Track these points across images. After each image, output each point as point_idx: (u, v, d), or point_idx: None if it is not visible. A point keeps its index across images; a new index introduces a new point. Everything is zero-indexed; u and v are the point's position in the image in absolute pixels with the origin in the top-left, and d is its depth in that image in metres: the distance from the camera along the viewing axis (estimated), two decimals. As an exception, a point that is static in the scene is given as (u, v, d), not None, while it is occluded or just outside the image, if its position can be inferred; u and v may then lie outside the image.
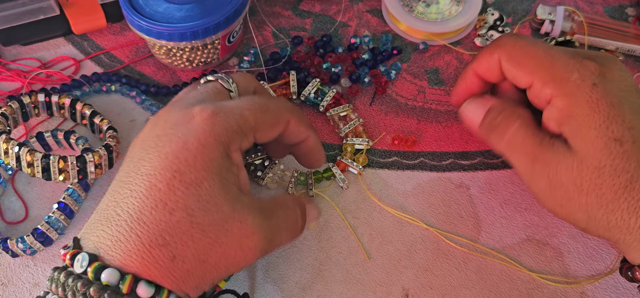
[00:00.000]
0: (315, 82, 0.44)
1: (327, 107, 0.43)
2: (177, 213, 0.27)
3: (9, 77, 0.45)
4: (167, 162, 0.27)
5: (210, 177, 0.28)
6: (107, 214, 0.28)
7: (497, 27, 0.50)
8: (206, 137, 0.28)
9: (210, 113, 0.29)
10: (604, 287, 0.37)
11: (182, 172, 0.27)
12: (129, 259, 0.26)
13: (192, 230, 0.27)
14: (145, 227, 0.26)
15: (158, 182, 0.27)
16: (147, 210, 0.27)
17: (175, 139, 0.28)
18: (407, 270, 0.37)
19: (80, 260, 0.26)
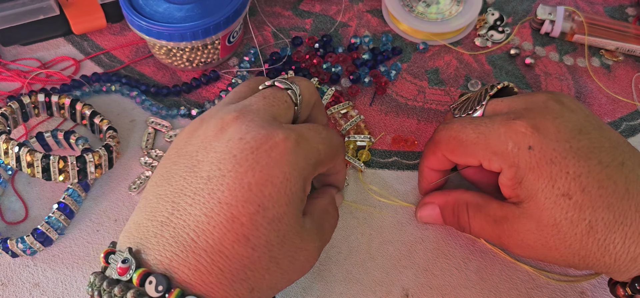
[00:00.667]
0: (314, 81, 0.44)
1: (327, 105, 0.43)
2: (258, 250, 0.27)
3: (8, 77, 0.45)
4: (251, 194, 0.26)
5: (290, 211, 0.28)
6: (177, 234, 0.26)
7: (497, 27, 0.50)
8: (291, 170, 0.28)
9: (294, 143, 0.28)
10: (603, 286, 0.37)
11: (265, 208, 0.27)
12: (211, 290, 0.26)
13: (270, 265, 0.27)
14: (227, 261, 0.26)
15: (241, 215, 0.26)
16: (228, 243, 0.26)
17: (258, 168, 0.27)
18: (407, 270, 0.37)
19: (154, 283, 0.25)
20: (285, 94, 0.32)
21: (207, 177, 0.27)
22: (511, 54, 0.49)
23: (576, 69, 0.48)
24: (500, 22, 0.51)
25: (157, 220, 0.27)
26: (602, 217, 0.30)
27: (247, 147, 0.27)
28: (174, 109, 0.44)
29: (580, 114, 0.32)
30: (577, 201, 0.30)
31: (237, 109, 0.29)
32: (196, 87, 0.45)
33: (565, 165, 0.30)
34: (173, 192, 0.27)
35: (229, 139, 0.28)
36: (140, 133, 0.43)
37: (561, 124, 0.31)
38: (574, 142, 0.31)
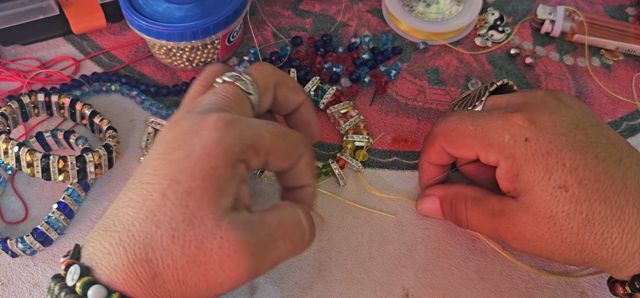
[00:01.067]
0: (315, 80, 0.44)
1: (327, 104, 0.43)
2: (162, 226, 0.25)
3: (8, 77, 0.45)
4: (168, 170, 0.26)
5: (205, 186, 0.26)
6: (106, 222, 0.27)
7: (497, 26, 0.50)
8: (214, 145, 0.26)
9: (225, 122, 0.27)
10: (604, 286, 0.37)
11: (178, 181, 0.26)
12: (115, 275, 0.25)
13: (173, 246, 0.25)
14: (132, 239, 0.25)
15: (154, 191, 0.26)
16: (138, 221, 0.25)
17: (183, 146, 0.27)
18: (407, 270, 0.37)
19: (72, 273, 0.25)
20: (235, 86, 0.31)
21: (142, 167, 0.27)
22: (511, 53, 0.49)
23: (576, 69, 0.48)
24: (501, 21, 0.51)
25: (108, 216, 0.27)
26: (599, 210, 0.30)
27: (179, 130, 0.28)
28: (174, 109, 0.44)
29: (578, 110, 0.32)
30: (574, 193, 0.30)
31: (186, 107, 0.30)
32: (196, 87, 0.45)
33: (562, 157, 0.30)
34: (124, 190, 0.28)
35: (169, 130, 0.28)
36: (140, 133, 0.43)
37: (558, 119, 0.31)
38: (570, 135, 0.31)
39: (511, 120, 0.32)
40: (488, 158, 0.33)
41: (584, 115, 0.32)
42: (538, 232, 0.31)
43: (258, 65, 0.33)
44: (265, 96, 0.32)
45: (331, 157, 0.42)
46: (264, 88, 0.32)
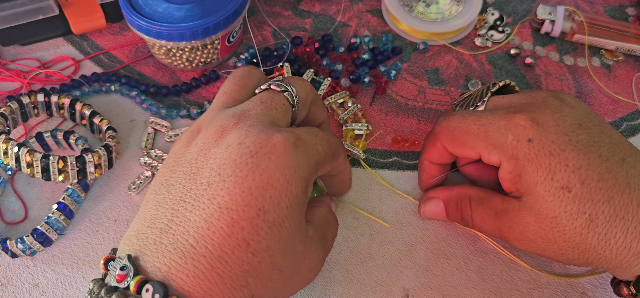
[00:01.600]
0: (309, 73, 0.44)
1: (324, 95, 0.44)
2: (259, 255, 0.26)
3: (8, 77, 0.45)
4: (251, 198, 0.26)
5: (291, 215, 0.27)
6: (176, 240, 0.25)
7: (497, 27, 0.50)
8: (291, 173, 0.27)
9: (293, 146, 0.28)
10: (604, 286, 0.37)
11: (266, 211, 0.26)
12: (210, 297, 0.25)
13: (272, 272, 0.27)
14: (227, 267, 0.25)
15: (241, 220, 0.26)
16: (228, 248, 0.25)
17: (258, 171, 0.26)
18: (407, 270, 0.37)
19: (151, 291, 0.24)
20: (282, 96, 0.31)
21: (207, 183, 0.26)
22: (511, 53, 0.49)
23: (576, 69, 0.48)
24: (500, 21, 0.51)
25: (156, 228, 0.26)
26: (602, 210, 0.30)
27: (246, 151, 0.27)
28: (174, 109, 0.44)
29: (580, 110, 0.32)
30: (577, 194, 0.30)
31: (236, 115, 0.29)
32: (196, 87, 0.45)
33: (565, 157, 0.30)
34: (172, 200, 0.27)
35: (229, 144, 0.27)
36: (139, 133, 0.43)
37: (560, 119, 0.31)
38: (573, 135, 0.31)
39: (514, 120, 0.32)
40: (490, 159, 0.33)
41: (586, 115, 0.32)
42: (541, 233, 0.31)
43: (300, 80, 0.33)
44: (302, 112, 0.33)
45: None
46: (303, 103, 0.33)
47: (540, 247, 0.32)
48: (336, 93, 0.44)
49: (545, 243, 0.32)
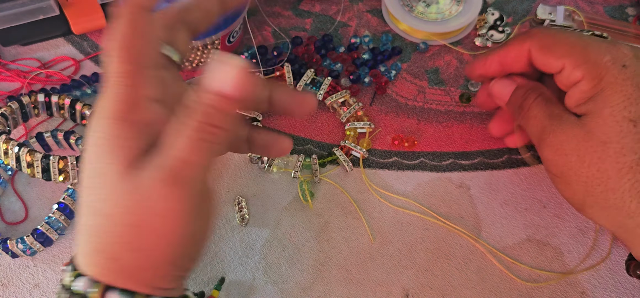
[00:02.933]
0: (310, 73, 0.44)
1: (325, 95, 0.44)
2: (82, 209, 0.25)
3: (8, 77, 0.45)
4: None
5: (97, 142, 0.24)
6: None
7: (497, 27, 0.50)
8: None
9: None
10: (603, 286, 0.37)
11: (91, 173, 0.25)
12: (90, 269, 0.25)
13: (107, 224, 0.24)
14: (83, 237, 0.25)
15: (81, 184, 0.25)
16: (83, 217, 0.25)
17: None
18: (407, 270, 0.37)
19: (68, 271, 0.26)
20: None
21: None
22: (511, 53, 0.49)
23: (576, 69, 0.48)
24: (500, 21, 0.51)
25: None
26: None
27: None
28: (174, 109, 0.44)
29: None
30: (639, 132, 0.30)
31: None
32: (196, 87, 0.45)
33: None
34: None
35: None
36: (140, 133, 0.43)
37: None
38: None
39: (617, 46, 0.32)
40: (573, 73, 0.32)
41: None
42: (581, 150, 0.31)
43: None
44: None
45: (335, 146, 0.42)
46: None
47: (569, 164, 0.32)
48: (337, 92, 0.44)
49: (577, 162, 0.31)
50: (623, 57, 0.31)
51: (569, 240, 0.39)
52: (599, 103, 0.31)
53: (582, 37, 0.33)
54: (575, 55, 0.32)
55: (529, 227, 0.39)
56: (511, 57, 0.36)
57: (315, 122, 0.44)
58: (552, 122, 0.33)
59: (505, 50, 0.36)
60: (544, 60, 0.34)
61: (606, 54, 0.32)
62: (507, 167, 0.42)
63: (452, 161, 0.42)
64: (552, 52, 0.33)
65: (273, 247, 0.38)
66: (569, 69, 0.32)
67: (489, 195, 0.40)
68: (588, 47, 0.32)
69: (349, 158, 0.41)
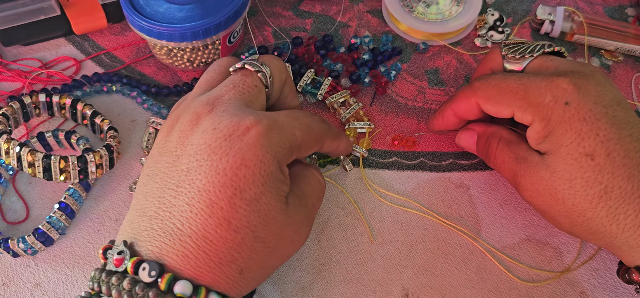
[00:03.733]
0: (310, 73, 0.44)
1: (325, 95, 0.44)
2: (241, 232, 0.28)
3: (9, 78, 0.45)
4: (226, 179, 0.27)
5: (268, 191, 0.28)
6: (165, 225, 0.27)
7: (497, 27, 0.50)
8: (264, 153, 0.28)
9: (265, 128, 0.29)
10: (603, 286, 0.37)
11: (242, 190, 0.28)
12: (200, 273, 0.27)
13: (256, 245, 0.28)
14: (213, 246, 0.27)
15: (219, 200, 0.27)
16: (211, 228, 0.27)
17: (231, 154, 0.28)
18: (407, 270, 0.37)
19: (147, 269, 0.26)
20: (256, 77, 0.32)
21: (187, 170, 0.28)
22: (511, 54, 0.49)
23: (576, 69, 0.48)
24: (500, 22, 0.51)
25: (147, 215, 0.28)
26: (619, 185, 0.30)
27: (220, 135, 0.28)
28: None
29: (620, 95, 0.33)
30: (599, 163, 0.31)
31: (209, 102, 0.30)
32: (197, 87, 0.45)
33: (597, 126, 0.31)
34: (158, 188, 0.29)
35: (204, 130, 0.29)
36: (141, 133, 0.43)
37: (602, 91, 0.32)
38: (611, 109, 0.32)
39: (556, 82, 0.32)
40: (523, 117, 0.33)
41: (625, 99, 0.33)
42: (551, 190, 0.32)
43: (273, 58, 0.34)
44: (275, 90, 0.34)
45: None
46: (278, 84, 0.34)
47: (546, 203, 0.33)
48: (337, 92, 0.44)
49: (552, 201, 0.32)
50: (563, 94, 0.32)
51: (568, 239, 0.39)
52: (555, 142, 0.32)
53: (521, 80, 0.34)
54: (519, 102, 0.33)
55: (529, 226, 0.39)
56: (462, 110, 0.37)
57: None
58: (520, 166, 0.34)
59: (456, 104, 0.38)
60: (493, 110, 0.35)
61: (546, 94, 0.32)
62: (506, 167, 0.42)
63: (451, 161, 0.42)
64: (498, 102, 0.34)
65: (273, 247, 0.38)
66: (518, 114, 0.34)
67: (488, 195, 0.40)
68: (528, 91, 0.33)
69: (349, 158, 0.41)
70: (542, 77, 0.33)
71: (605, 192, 0.31)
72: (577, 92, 0.32)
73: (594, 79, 0.33)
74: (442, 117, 0.39)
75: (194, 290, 0.26)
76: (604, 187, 0.31)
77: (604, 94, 0.32)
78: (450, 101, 0.38)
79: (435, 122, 0.40)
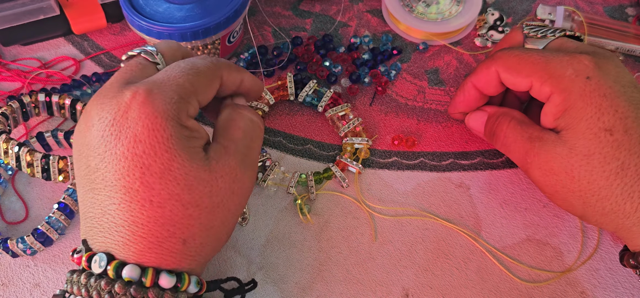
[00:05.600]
0: (312, 84, 0.44)
1: (325, 107, 0.43)
2: (167, 205, 0.27)
3: (9, 77, 0.45)
4: (129, 161, 0.27)
5: (176, 155, 0.27)
6: (101, 222, 0.28)
7: (497, 27, 0.50)
8: (152, 120, 0.27)
9: (144, 94, 0.27)
10: (603, 286, 0.37)
11: (148, 166, 0.27)
12: (144, 257, 0.27)
13: (188, 211, 0.27)
14: (145, 228, 0.27)
15: (132, 184, 0.27)
16: (137, 212, 0.27)
17: (122, 136, 0.27)
18: (407, 270, 0.37)
19: (98, 261, 0.27)
20: (139, 57, 0.31)
21: (95, 168, 0.28)
22: (511, 54, 0.49)
23: (576, 69, 0.48)
24: (500, 22, 0.51)
25: (87, 217, 0.29)
26: (635, 162, 0.31)
27: (107, 123, 0.27)
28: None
29: (635, 80, 0.34)
30: (617, 139, 0.31)
31: (95, 96, 0.29)
32: (196, 87, 0.45)
33: (616, 103, 0.31)
34: (84, 193, 0.29)
35: (93, 125, 0.28)
36: (140, 133, 0.43)
37: (621, 72, 0.33)
38: (629, 89, 0.32)
39: (578, 58, 0.33)
40: (542, 90, 0.33)
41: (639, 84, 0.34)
42: (567, 167, 0.32)
43: (164, 41, 0.34)
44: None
45: (331, 158, 0.42)
46: (170, 58, 0.32)
47: (560, 182, 0.33)
48: (338, 105, 0.43)
49: (567, 179, 0.32)
50: (585, 69, 0.32)
51: (568, 239, 0.39)
52: (574, 117, 0.32)
53: (544, 53, 0.34)
54: (540, 72, 0.33)
55: (529, 226, 0.39)
56: (482, 81, 0.37)
57: (315, 122, 0.44)
58: (533, 145, 0.34)
59: (475, 75, 0.38)
60: (512, 80, 0.35)
61: (568, 67, 0.33)
62: (506, 166, 0.42)
63: (451, 161, 0.42)
64: (518, 71, 0.34)
65: (273, 247, 0.38)
66: (537, 85, 0.34)
67: (488, 195, 0.40)
68: (550, 62, 0.33)
69: (344, 174, 0.41)
70: (564, 52, 0.34)
71: (622, 169, 0.31)
72: (597, 69, 0.32)
73: (613, 60, 0.33)
74: (462, 92, 0.39)
75: (142, 273, 0.27)
76: (621, 163, 0.31)
77: (622, 75, 0.33)
78: (471, 75, 0.38)
79: (456, 100, 0.40)
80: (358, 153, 0.41)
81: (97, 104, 0.28)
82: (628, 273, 0.37)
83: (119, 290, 0.26)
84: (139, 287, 0.26)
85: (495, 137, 0.37)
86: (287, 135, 0.43)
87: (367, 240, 0.38)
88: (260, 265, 0.37)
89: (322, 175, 0.40)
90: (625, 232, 0.32)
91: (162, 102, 0.27)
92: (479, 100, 0.39)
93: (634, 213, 0.31)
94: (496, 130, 0.37)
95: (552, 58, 0.33)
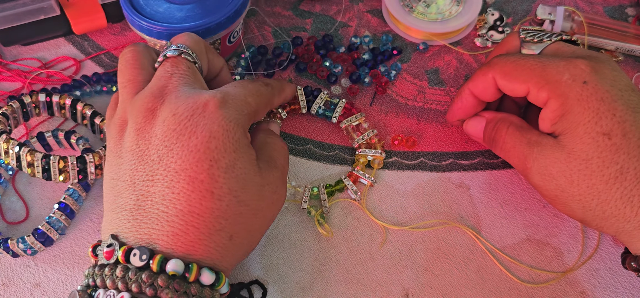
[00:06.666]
0: (323, 95, 0.43)
1: (340, 118, 0.43)
2: (225, 199, 0.29)
3: (9, 77, 0.45)
4: (200, 154, 0.29)
5: (241, 157, 0.30)
6: (148, 213, 0.29)
7: (497, 27, 0.50)
8: (227, 122, 0.30)
9: (221, 100, 0.30)
10: (603, 286, 0.37)
11: (217, 160, 0.29)
12: (192, 248, 0.28)
13: (240, 208, 0.30)
14: (200, 218, 0.28)
15: (198, 174, 0.29)
16: (196, 202, 0.28)
17: (198, 130, 0.29)
18: (407, 270, 0.37)
19: (138, 254, 0.27)
20: (183, 60, 0.33)
21: (158, 157, 0.29)
22: (511, 54, 0.49)
23: (576, 69, 0.48)
24: (500, 22, 0.51)
25: (126, 210, 0.29)
26: (634, 166, 0.31)
27: (182, 118, 0.30)
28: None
29: (632, 83, 0.34)
30: (616, 143, 0.31)
31: (156, 95, 0.31)
32: (196, 87, 0.45)
33: (614, 107, 0.31)
34: (130, 184, 0.30)
35: (164, 119, 0.30)
36: (140, 133, 0.43)
37: (618, 76, 0.33)
38: (626, 93, 0.32)
39: (574, 62, 0.33)
40: (539, 95, 0.33)
41: (636, 87, 0.34)
42: (566, 171, 0.32)
43: (183, 36, 0.35)
44: (203, 62, 0.35)
45: (332, 159, 0.42)
46: (202, 55, 0.35)
47: (560, 187, 0.33)
48: (352, 115, 0.43)
49: (566, 184, 0.32)
50: (581, 73, 0.32)
51: (568, 239, 0.39)
52: (572, 122, 0.32)
53: (540, 58, 0.34)
54: (536, 78, 0.33)
55: (529, 226, 0.39)
56: (479, 88, 0.37)
57: (316, 122, 0.44)
58: (532, 150, 0.34)
59: (473, 83, 0.38)
60: (509, 87, 0.35)
61: (564, 72, 0.33)
62: (506, 166, 0.42)
63: (451, 161, 0.42)
64: (515, 78, 0.35)
65: (273, 247, 0.38)
66: (534, 91, 0.34)
67: (488, 195, 0.40)
68: (546, 68, 0.33)
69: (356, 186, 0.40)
70: (560, 57, 0.34)
71: (621, 173, 0.31)
72: (594, 73, 0.32)
73: (609, 64, 0.33)
74: (460, 99, 0.39)
75: (186, 268, 0.28)
76: (619, 167, 0.31)
77: (619, 78, 0.33)
78: (468, 82, 0.38)
79: (454, 107, 0.40)
80: (372, 163, 0.41)
81: (167, 101, 0.30)
82: (628, 273, 0.37)
83: (162, 283, 0.27)
84: (182, 280, 0.27)
85: (494, 143, 0.37)
86: (287, 135, 0.43)
87: (367, 240, 0.38)
88: (260, 265, 0.37)
89: (334, 187, 0.40)
90: (625, 235, 0.32)
91: (234, 111, 0.31)
92: (477, 107, 0.39)
93: (635, 217, 0.31)
94: (495, 136, 0.37)
95: (549, 63, 0.33)
